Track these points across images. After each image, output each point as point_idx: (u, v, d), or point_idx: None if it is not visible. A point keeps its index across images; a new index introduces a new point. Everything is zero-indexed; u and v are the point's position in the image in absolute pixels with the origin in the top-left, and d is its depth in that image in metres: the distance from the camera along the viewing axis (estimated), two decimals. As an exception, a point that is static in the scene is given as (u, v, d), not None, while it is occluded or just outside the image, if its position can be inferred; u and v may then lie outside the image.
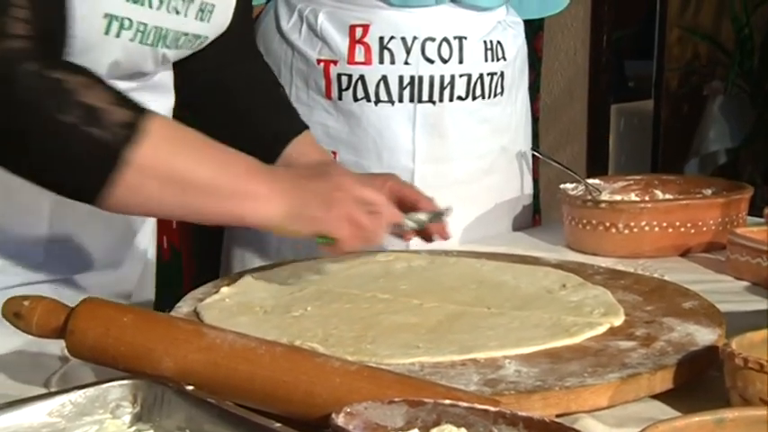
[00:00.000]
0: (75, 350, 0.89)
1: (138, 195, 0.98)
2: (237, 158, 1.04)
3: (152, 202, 1.00)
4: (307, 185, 1.06)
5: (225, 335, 0.87)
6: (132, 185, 0.96)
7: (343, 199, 1.05)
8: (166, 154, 0.98)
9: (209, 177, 1.00)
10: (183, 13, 1.15)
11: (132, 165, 0.95)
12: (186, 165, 0.99)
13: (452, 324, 1.05)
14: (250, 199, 1.02)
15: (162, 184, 0.98)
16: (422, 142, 1.55)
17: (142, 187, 0.97)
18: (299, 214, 1.04)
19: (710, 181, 1.67)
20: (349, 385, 0.82)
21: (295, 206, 1.03)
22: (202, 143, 1.03)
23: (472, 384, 0.88)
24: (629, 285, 1.19)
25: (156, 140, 0.97)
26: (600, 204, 1.50)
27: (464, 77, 1.54)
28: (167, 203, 1.00)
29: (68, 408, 0.82)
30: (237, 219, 1.04)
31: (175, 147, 1.00)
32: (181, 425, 0.81)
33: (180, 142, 1.01)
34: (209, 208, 1.01)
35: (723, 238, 1.45)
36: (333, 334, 1.01)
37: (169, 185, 0.98)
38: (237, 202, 1.02)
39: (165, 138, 0.99)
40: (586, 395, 0.88)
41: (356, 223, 1.06)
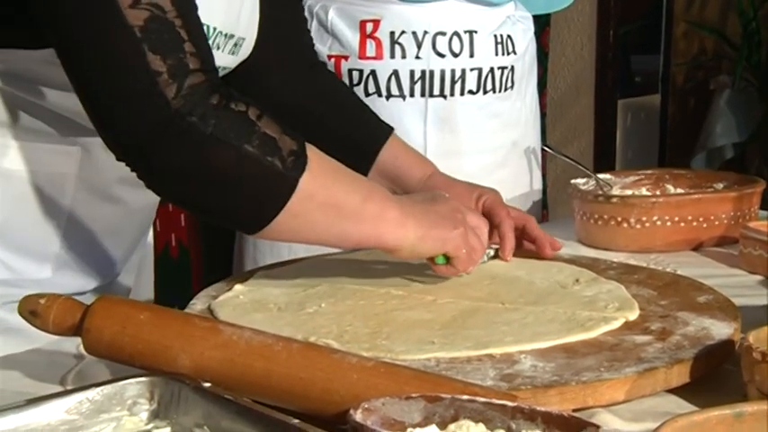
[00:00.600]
0: (91, 348, 0.89)
1: (301, 221, 1.02)
2: (375, 186, 1.11)
3: (309, 227, 1.03)
4: (431, 209, 1.12)
5: (241, 332, 0.87)
6: (298, 212, 1.00)
7: (462, 220, 1.13)
8: (326, 181, 1.03)
9: (359, 203, 1.05)
10: (222, 48, 1.17)
11: (299, 191, 0.99)
12: (341, 190, 1.05)
13: (467, 320, 1.05)
14: (389, 223, 1.07)
15: (321, 209, 1.02)
16: (433, 136, 1.55)
17: (305, 213, 1.01)
18: (428, 235, 1.09)
19: (722, 175, 1.67)
20: (366, 381, 0.82)
21: (425, 227, 1.09)
22: (347, 172, 1.08)
23: (488, 379, 0.88)
24: (642, 280, 1.19)
25: (317, 168, 1.01)
26: (611, 199, 1.49)
27: (475, 71, 1.54)
28: (321, 228, 1.04)
29: (86, 405, 0.82)
30: (377, 241, 1.08)
31: (331, 174, 1.04)
32: (198, 422, 0.81)
33: (333, 170, 1.05)
34: (355, 232, 1.06)
35: (735, 232, 1.45)
36: (347, 330, 1.01)
37: (327, 211, 1.03)
38: (379, 226, 1.06)
39: (323, 164, 1.03)
40: (603, 390, 0.88)
41: (469, 244, 1.12)
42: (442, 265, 1.14)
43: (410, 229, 1.08)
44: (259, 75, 1.29)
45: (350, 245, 1.12)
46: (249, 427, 0.78)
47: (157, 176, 0.99)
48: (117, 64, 0.95)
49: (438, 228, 1.10)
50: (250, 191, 0.99)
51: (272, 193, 0.99)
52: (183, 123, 0.95)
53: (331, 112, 1.34)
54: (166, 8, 0.96)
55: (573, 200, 1.55)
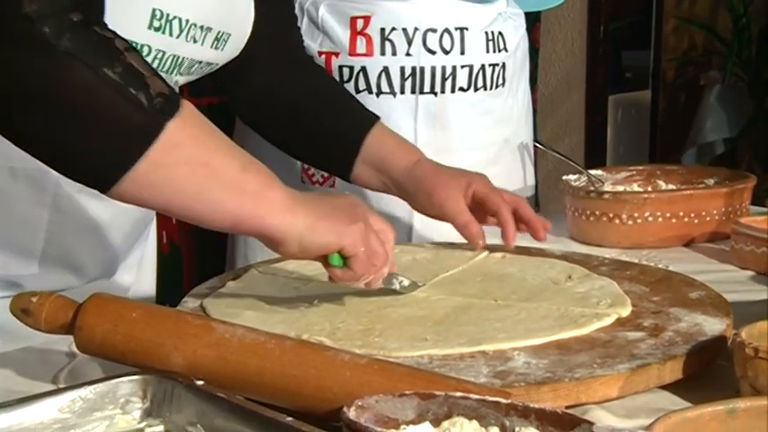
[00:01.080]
0: (83, 346, 0.88)
1: (165, 174, 0.88)
2: (256, 160, 0.97)
3: (176, 185, 0.90)
4: (326, 201, 1.00)
5: (234, 329, 0.87)
6: (162, 162, 0.87)
7: (362, 216, 1.00)
8: (199, 134, 0.91)
9: (237, 171, 0.92)
10: (200, 41, 1.15)
11: (167, 138, 0.87)
12: (216, 152, 0.92)
13: (459, 316, 1.05)
14: (272, 203, 0.94)
15: (191, 167, 0.90)
16: (423, 134, 1.55)
17: (171, 166, 0.88)
18: (320, 224, 0.96)
19: (713, 171, 1.67)
20: (359, 378, 0.82)
21: (316, 216, 0.96)
22: (226, 138, 0.95)
23: (482, 376, 0.88)
24: (634, 276, 1.19)
25: (190, 118, 0.90)
26: (603, 195, 1.49)
27: (466, 69, 1.54)
28: (191, 190, 0.90)
29: (78, 404, 0.82)
30: (258, 224, 0.94)
31: (206, 130, 0.92)
32: (192, 420, 0.81)
33: (209, 129, 0.93)
34: (233, 205, 0.92)
35: (727, 227, 1.45)
36: (340, 327, 1.01)
37: (198, 170, 0.90)
38: (261, 204, 0.93)
39: (197, 120, 0.91)
40: (596, 386, 0.88)
41: (369, 245, 0.99)
42: (337, 269, 0.99)
43: (299, 215, 0.94)
44: (246, 70, 1.28)
45: (226, 221, 0.93)
46: (242, 425, 0.78)
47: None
48: None
49: (332, 218, 0.97)
50: (107, 125, 0.86)
51: (133, 131, 0.86)
52: (34, 30, 0.82)
53: (316, 106, 1.33)
54: None
55: (565, 196, 1.55)
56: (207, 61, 1.19)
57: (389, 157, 1.30)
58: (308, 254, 0.97)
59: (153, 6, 1.07)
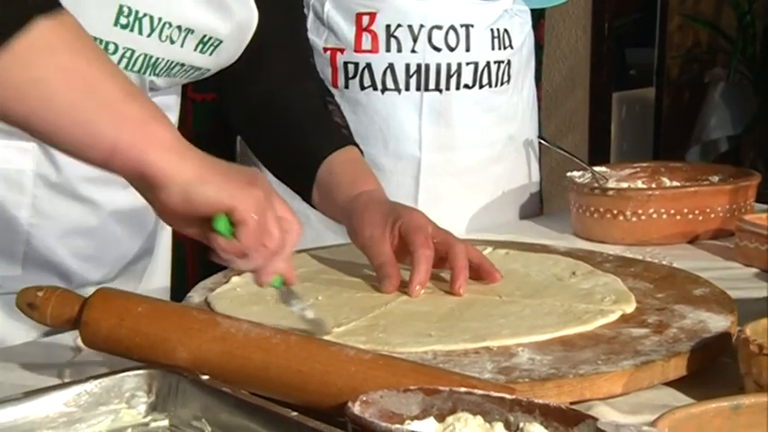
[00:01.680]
0: (89, 341, 0.89)
1: (30, 75, 0.79)
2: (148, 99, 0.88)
3: (43, 90, 0.80)
4: (224, 162, 0.88)
5: (239, 324, 0.87)
6: (26, 60, 0.79)
7: (262, 186, 0.88)
8: (78, 45, 0.82)
9: (122, 93, 0.82)
10: (178, 43, 1.12)
11: (36, 36, 0.79)
12: (99, 68, 0.82)
13: (464, 312, 1.05)
14: (159, 139, 0.83)
15: (64, 73, 0.80)
16: (428, 131, 1.55)
17: (39, 67, 0.79)
18: (211, 178, 0.84)
19: (717, 168, 1.67)
20: (364, 374, 0.82)
21: (210, 168, 0.85)
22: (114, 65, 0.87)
23: (486, 372, 0.88)
24: (639, 273, 1.19)
25: (69, 26, 0.82)
26: (607, 192, 1.49)
27: (471, 66, 1.54)
28: (60, 102, 0.81)
29: (84, 398, 0.82)
30: (138, 158, 0.82)
31: (88, 45, 0.83)
32: (197, 414, 0.82)
33: (93, 45, 0.85)
34: (110, 130, 0.81)
35: (731, 224, 1.45)
36: (344, 323, 1.01)
37: (72, 80, 0.81)
38: (144, 136, 0.82)
39: (78, 31, 0.83)
40: (600, 383, 0.88)
41: (264, 219, 0.87)
42: (220, 237, 0.86)
43: (188, 160, 0.83)
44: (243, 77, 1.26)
45: (99, 150, 0.82)
46: (247, 420, 0.78)
47: None
48: None
49: (227, 176, 0.86)
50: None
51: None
52: None
53: (294, 122, 1.27)
54: None
55: (569, 193, 1.55)
56: (192, 65, 1.17)
57: (336, 186, 1.21)
58: (190, 207, 0.84)
59: (120, 3, 1.05)
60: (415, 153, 1.54)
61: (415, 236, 1.11)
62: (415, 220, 1.14)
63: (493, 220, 1.60)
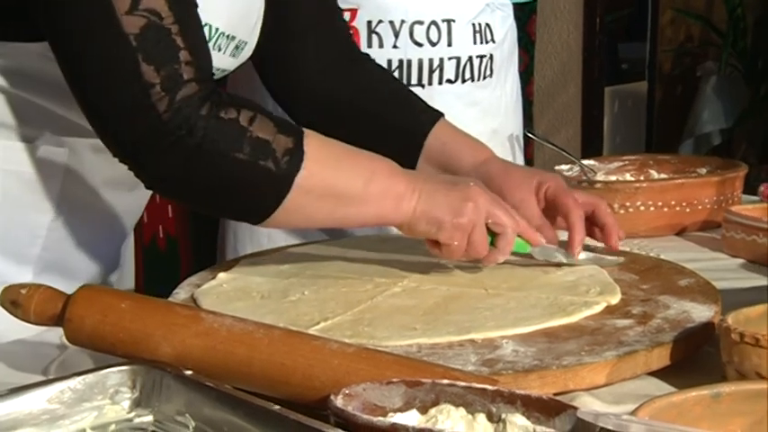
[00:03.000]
0: (72, 337, 0.89)
1: (299, 214, 1.03)
2: (382, 163, 1.07)
3: (310, 217, 1.05)
4: (441, 190, 1.07)
5: (223, 319, 0.87)
6: (296, 206, 1.01)
7: (470, 210, 1.06)
8: (325, 171, 1.02)
9: (362, 186, 1.04)
10: (224, 50, 1.16)
11: (296, 188, 1.00)
12: (341, 178, 1.04)
13: (449, 305, 1.05)
14: (391, 200, 1.05)
15: (321, 200, 1.02)
16: None
17: (305, 207, 1.02)
18: (425, 214, 1.06)
19: (705, 160, 1.68)
20: (347, 367, 0.82)
21: (425, 205, 1.06)
22: (350, 153, 1.06)
23: (470, 365, 0.88)
24: (625, 264, 1.19)
25: (315, 160, 1.01)
26: (595, 185, 1.50)
27: (453, 60, 1.54)
28: (322, 217, 1.05)
29: (68, 394, 0.82)
30: (382, 220, 1.08)
31: (331, 162, 1.04)
32: (180, 409, 0.81)
33: (334, 157, 1.05)
34: (359, 214, 1.06)
35: (718, 216, 1.45)
36: (330, 317, 1.01)
37: (326, 201, 1.03)
38: (381, 205, 1.05)
39: (322, 156, 1.03)
40: (584, 373, 0.88)
41: (472, 239, 1.07)
42: (432, 243, 1.10)
43: (412, 204, 1.06)
44: (295, 75, 1.29)
45: (354, 226, 1.16)
46: (230, 414, 0.78)
47: (152, 182, 1.02)
48: (112, 74, 0.95)
49: (437, 209, 1.06)
50: (243, 195, 1.01)
51: (267, 194, 1.00)
52: (172, 137, 0.95)
53: (375, 104, 1.30)
54: (164, 14, 0.95)
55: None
56: (222, 68, 1.19)
57: (455, 156, 1.27)
58: (416, 235, 1.09)
59: None
60: None
61: (566, 198, 1.20)
62: (560, 184, 1.22)
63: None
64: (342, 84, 1.31)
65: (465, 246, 1.08)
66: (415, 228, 1.07)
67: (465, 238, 1.07)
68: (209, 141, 0.96)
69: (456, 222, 1.06)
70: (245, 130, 0.98)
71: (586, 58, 3.77)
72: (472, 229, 1.07)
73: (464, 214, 1.06)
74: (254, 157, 0.98)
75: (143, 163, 0.98)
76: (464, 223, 1.06)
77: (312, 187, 1.01)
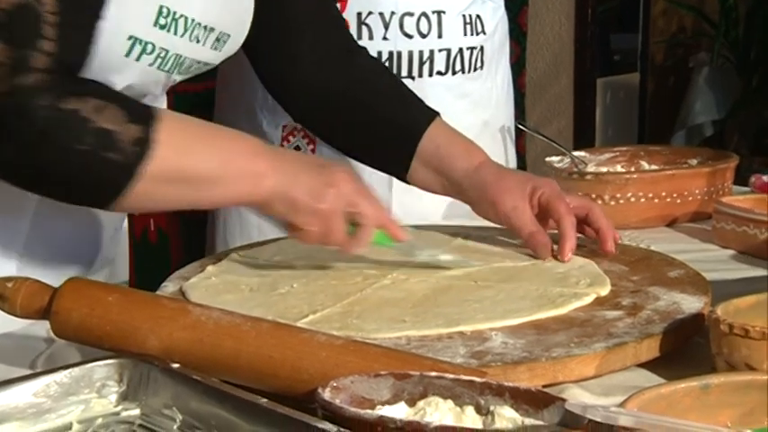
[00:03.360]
0: (59, 331, 0.88)
1: (149, 200, 1.02)
2: (244, 142, 1.05)
3: (161, 202, 1.04)
4: (305, 171, 1.05)
5: (210, 312, 0.86)
6: (144, 192, 0.99)
7: (330, 196, 1.04)
8: (176, 157, 1.00)
9: (218, 167, 1.02)
10: (202, 42, 1.14)
11: (144, 176, 0.97)
12: (195, 162, 1.01)
13: (438, 297, 1.04)
14: (253, 177, 1.03)
15: (169, 185, 1.00)
16: None
17: (153, 192, 1.00)
18: (284, 194, 1.04)
19: (696, 151, 1.68)
20: (335, 359, 0.82)
21: (284, 185, 1.04)
22: (209, 135, 1.05)
23: (459, 357, 0.88)
24: (615, 256, 1.19)
25: (167, 146, 0.98)
26: (585, 176, 1.49)
27: (443, 52, 1.53)
28: (176, 200, 1.04)
29: (54, 388, 0.81)
30: (240, 200, 1.06)
31: (184, 147, 1.01)
32: (167, 403, 0.81)
33: (187, 141, 1.02)
34: (216, 195, 1.04)
35: (709, 207, 1.45)
36: (319, 310, 1.01)
37: (179, 185, 1.01)
38: (242, 184, 1.03)
39: (174, 140, 1.00)
40: (573, 365, 0.88)
41: (329, 225, 1.05)
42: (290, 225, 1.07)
43: (270, 183, 1.03)
44: (292, 68, 1.27)
45: (215, 206, 1.21)
46: (217, 408, 0.78)
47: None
48: None
49: (296, 191, 1.04)
50: (86, 185, 0.99)
51: (111, 182, 0.98)
52: (9, 122, 0.94)
53: (369, 96, 1.28)
54: (45, 1, 0.94)
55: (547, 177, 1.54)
56: (204, 62, 1.18)
57: (449, 158, 1.24)
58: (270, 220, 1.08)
59: (161, 3, 1.06)
60: None
61: (558, 204, 1.19)
62: (554, 190, 1.20)
63: (471, 206, 1.59)
64: (337, 76, 1.29)
65: (323, 232, 1.05)
66: (271, 207, 1.05)
67: (323, 224, 1.05)
68: (50, 133, 0.95)
69: (314, 207, 1.04)
70: (87, 122, 0.95)
71: (578, 49, 3.76)
72: (331, 215, 1.05)
73: (325, 199, 1.04)
74: (96, 148, 0.96)
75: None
76: (323, 209, 1.04)
77: (161, 173, 0.99)
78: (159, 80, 1.13)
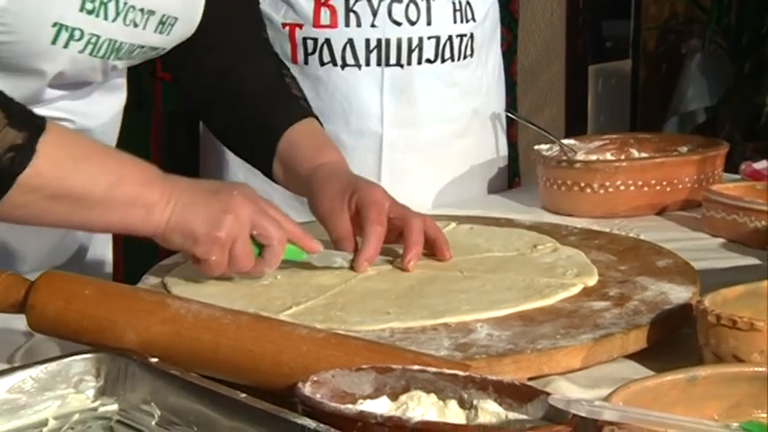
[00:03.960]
0: (35, 325, 0.87)
1: (24, 212, 0.96)
2: (135, 168, 1.00)
3: (46, 219, 0.99)
4: (201, 201, 1.00)
5: (189, 305, 0.85)
6: (18, 204, 0.94)
7: (230, 222, 1.00)
8: (58, 173, 0.95)
9: (103, 192, 0.97)
10: (141, 26, 1.11)
11: (19, 186, 0.92)
12: (78, 182, 0.96)
13: (424, 289, 1.03)
14: (144, 207, 0.98)
15: (51, 201, 0.95)
16: (390, 106, 1.52)
17: (29, 205, 0.95)
18: (180, 226, 0.99)
19: (687, 138, 1.66)
20: (317, 353, 0.80)
21: (180, 217, 0.99)
22: (99, 155, 0.99)
23: (443, 349, 0.87)
24: (603, 245, 1.17)
25: (48, 159, 0.93)
26: (575, 164, 1.48)
27: (432, 40, 1.52)
28: (63, 219, 0.99)
29: (29, 383, 0.80)
30: (130, 229, 1.00)
31: (69, 163, 0.96)
32: (146, 398, 0.80)
33: (74, 158, 0.97)
34: (101, 220, 0.99)
35: (699, 195, 1.44)
36: (302, 302, 0.99)
37: (59, 202, 0.96)
38: (133, 213, 0.98)
39: (58, 154, 0.95)
40: (559, 357, 0.86)
41: (232, 253, 1.01)
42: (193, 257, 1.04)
43: (165, 215, 0.99)
44: (193, 54, 1.24)
45: (101, 231, 1.16)
46: (196, 403, 0.76)
47: None
48: None
49: (192, 222, 0.99)
50: None
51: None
52: None
53: (253, 96, 1.25)
54: None
55: (537, 166, 1.53)
56: (151, 46, 1.15)
57: (298, 158, 1.21)
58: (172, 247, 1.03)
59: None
60: (377, 129, 1.51)
61: (369, 211, 1.10)
62: (372, 195, 1.12)
63: (460, 195, 1.58)
64: (230, 72, 1.26)
65: (226, 260, 1.01)
66: (170, 240, 1.00)
67: (224, 253, 1.01)
68: None
69: (213, 236, 0.99)
70: None
71: (570, 35, 3.74)
72: (233, 242, 1.00)
73: (222, 227, 0.99)
74: None
75: None
76: (222, 237, 0.99)
77: (39, 187, 0.94)
78: (95, 67, 1.10)
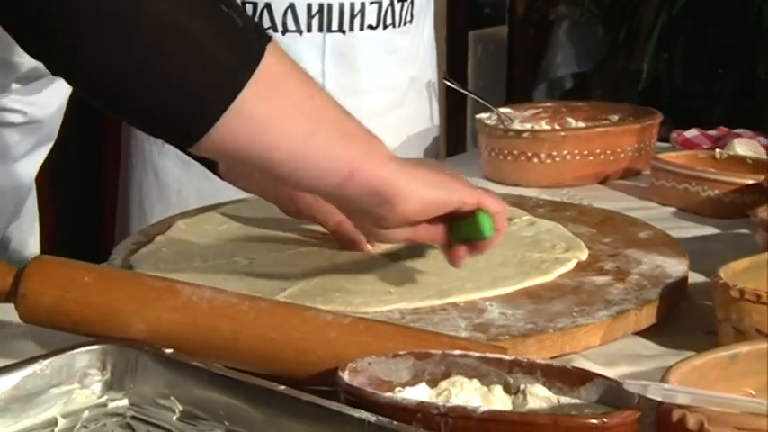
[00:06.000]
0: (28, 315, 0.79)
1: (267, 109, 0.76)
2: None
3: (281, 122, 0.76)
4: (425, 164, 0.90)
5: (201, 291, 0.79)
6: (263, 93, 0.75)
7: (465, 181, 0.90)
8: (295, 68, 0.78)
9: (337, 109, 0.80)
10: None
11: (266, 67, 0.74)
12: (317, 95, 0.79)
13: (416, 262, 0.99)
14: (383, 158, 0.82)
15: (296, 98, 0.77)
16: (331, 74, 1.47)
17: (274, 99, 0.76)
18: (431, 182, 0.84)
19: (615, 107, 1.66)
20: (346, 339, 0.76)
21: (427, 175, 0.85)
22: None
23: (462, 330, 0.84)
24: (576, 217, 1.16)
25: (283, 57, 0.77)
26: (522, 134, 1.46)
27: (374, 5, 1.47)
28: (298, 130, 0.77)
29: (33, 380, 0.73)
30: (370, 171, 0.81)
31: (298, 67, 0.79)
32: (162, 391, 0.74)
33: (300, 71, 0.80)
34: (341, 147, 0.79)
35: (638, 164, 1.45)
36: (292, 283, 0.95)
37: (305, 103, 0.77)
38: (369, 152, 0.81)
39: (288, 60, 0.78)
40: (580, 335, 0.85)
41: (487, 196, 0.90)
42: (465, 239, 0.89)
43: (408, 171, 0.83)
44: None
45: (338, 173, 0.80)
46: (225, 395, 0.71)
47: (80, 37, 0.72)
48: None
49: (442, 178, 0.87)
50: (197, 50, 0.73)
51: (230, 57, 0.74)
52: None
53: None
54: None
55: (479, 135, 1.51)
56: None
57: None
58: (427, 213, 0.84)
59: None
60: None
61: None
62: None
63: (400, 165, 1.54)
64: None
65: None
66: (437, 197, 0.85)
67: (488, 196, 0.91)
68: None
69: (466, 185, 0.90)
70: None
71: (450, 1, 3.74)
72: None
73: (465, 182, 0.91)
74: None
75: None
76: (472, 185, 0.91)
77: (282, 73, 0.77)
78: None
